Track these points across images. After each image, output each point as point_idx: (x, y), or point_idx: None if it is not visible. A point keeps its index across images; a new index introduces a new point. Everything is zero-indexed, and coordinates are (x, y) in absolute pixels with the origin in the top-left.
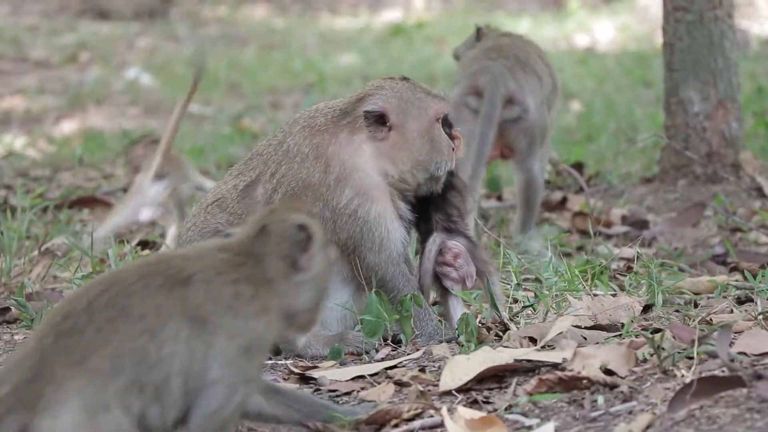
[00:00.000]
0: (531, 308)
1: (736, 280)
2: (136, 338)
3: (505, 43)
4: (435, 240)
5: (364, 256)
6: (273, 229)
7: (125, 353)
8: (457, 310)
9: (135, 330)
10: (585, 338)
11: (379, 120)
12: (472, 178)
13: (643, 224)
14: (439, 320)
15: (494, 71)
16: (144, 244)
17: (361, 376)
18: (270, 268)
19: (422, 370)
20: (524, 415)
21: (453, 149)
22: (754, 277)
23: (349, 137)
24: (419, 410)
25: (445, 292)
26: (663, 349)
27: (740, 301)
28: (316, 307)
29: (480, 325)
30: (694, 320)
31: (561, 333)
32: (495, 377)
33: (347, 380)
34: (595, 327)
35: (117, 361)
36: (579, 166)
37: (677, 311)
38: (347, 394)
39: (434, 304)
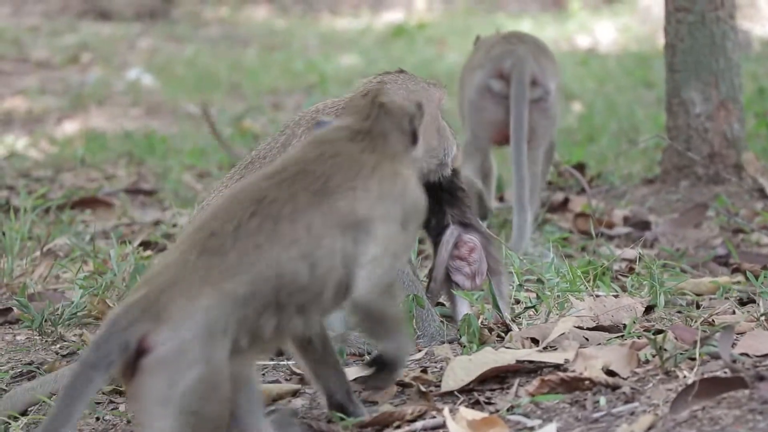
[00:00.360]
0: (533, 309)
1: (738, 282)
2: (285, 264)
3: (522, 32)
4: (453, 232)
5: None
6: (391, 108)
7: (270, 278)
8: (464, 308)
9: (286, 256)
10: (587, 339)
11: None
12: (517, 160)
13: (644, 225)
14: (442, 321)
15: (519, 54)
16: (146, 245)
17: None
18: (395, 143)
19: (424, 370)
20: (526, 416)
21: (454, 135)
22: (756, 278)
23: None
24: (421, 412)
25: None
26: (665, 350)
27: (742, 303)
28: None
29: (482, 326)
30: (696, 321)
31: (563, 334)
32: (497, 378)
33: (348, 381)
34: (597, 328)
35: (255, 288)
36: (581, 167)
37: (679, 312)
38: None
39: (437, 305)
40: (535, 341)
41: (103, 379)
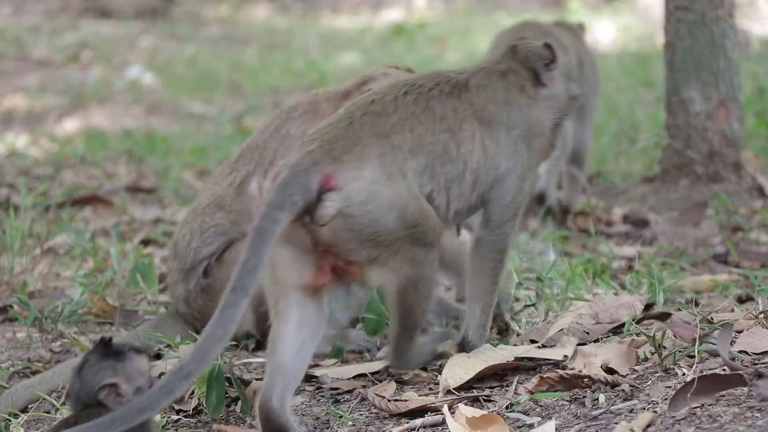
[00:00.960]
0: (533, 307)
1: (737, 280)
2: (438, 134)
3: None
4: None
5: None
6: (521, 48)
7: (426, 143)
8: None
9: (438, 127)
10: (588, 333)
11: None
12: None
13: (644, 223)
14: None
15: None
16: (146, 243)
17: (363, 375)
18: (521, 78)
19: (423, 368)
20: (525, 413)
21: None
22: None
23: None
24: (421, 409)
25: None
26: (664, 347)
27: (741, 300)
28: (554, 132)
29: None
30: (695, 319)
31: (561, 330)
32: (496, 375)
33: (349, 378)
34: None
35: (418, 146)
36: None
37: (679, 310)
38: (349, 392)
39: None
40: (533, 341)
41: (288, 221)
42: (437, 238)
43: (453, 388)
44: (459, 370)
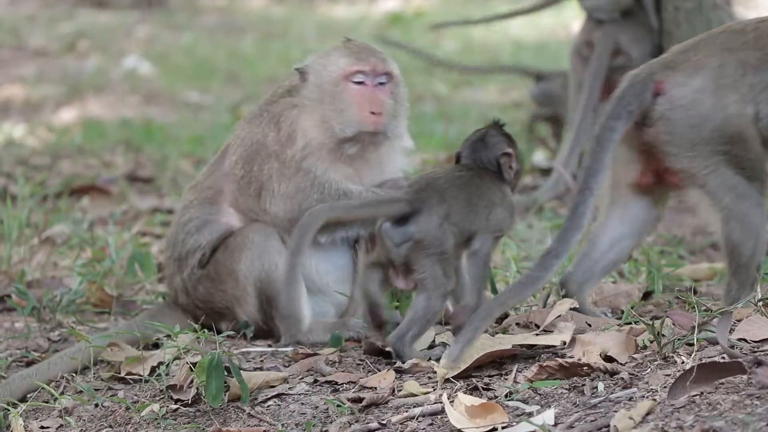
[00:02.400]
0: (532, 297)
1: None
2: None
3: None
4: None
5: None
6: None
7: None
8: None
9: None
10: (589, 325)
11: (302, 77)
12: (579, 125)
13: None
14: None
15: (606, 27)
16: (143, 233)
17: (361, 363)
18: None
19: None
20: (524, 401)
21: (373, 113)
22: None
23: (300, 99)
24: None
25: None
26: (663, 335)
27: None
28: None
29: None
30: (694, 307)
31: (560, 316)
32: (495, 363)
33: (344, 371)
34: None
35: (765, 63)
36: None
37: (677, 298)
38: (350, 382)
39: None
40: (530, 326)
41: (624, 129)
42: (759, 171)
43: (452, 377)
44: None
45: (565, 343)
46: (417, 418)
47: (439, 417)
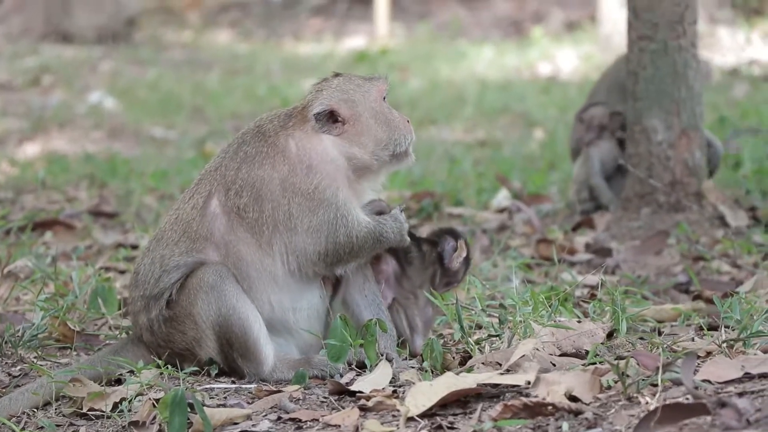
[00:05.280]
0: (497, 337)
1: (699, 308)
2: None
3: None
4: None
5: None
6: None
7: None
8: (419, 341)
9: None
10: (554, 365)
11: (331, 117)
12: None
13: (606, 252)
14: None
15: None
16: (107, 268)
17: (325, 401)
18: None
19: (387, 396)
20: None
21: (408, 121)
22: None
23: (304, 132)
24: None
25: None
26: (627, 375)
27: (702, 329)
28: None
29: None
30: (658, 347)
31: (524, 356)
32: (459, 402)
33: (308, 408)
34: (562, 355)
35: None
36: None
37: (641, 338)
38: (313, 420)
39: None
40: (497, 365)
41: None
42: None
43: (416, 416)
44: (421, 396)
45: (529, 382)
46: None
47: None
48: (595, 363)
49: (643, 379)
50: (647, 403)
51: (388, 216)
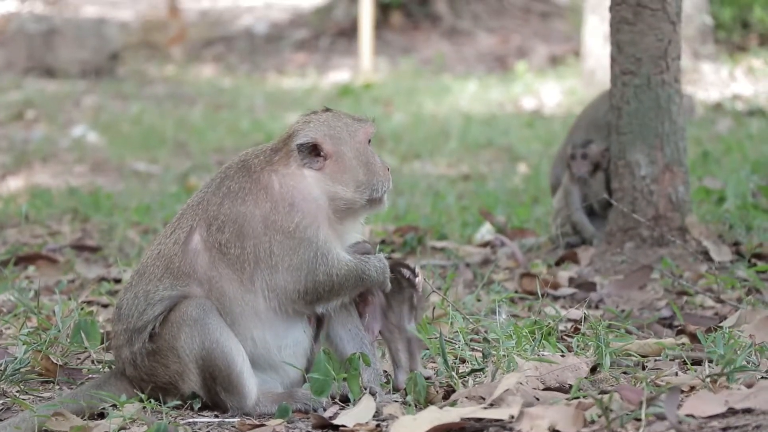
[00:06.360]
0: (481, 371)
1: (683, 343)
2: None
3: None
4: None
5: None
6: None
7: None
8: (402, 376)
9: None
10: (538, 399)
11: (314, 151)
12: None
13: (590, 286)
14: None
15: None
16: (89, 302)
17: None
18: None
19: (371, 430)
20: None
21: (388, 169)
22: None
23: (287, 169)
24: None
25: None
26: (611, 410)
27: (685, 363)
28: None
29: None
30: (642, 382)
31: (508, 390)
32: None
33: None
34: (546, 390)
35: None
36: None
37: (625, 373)
38: None
39: None
40: (478, 399)
41: None
42: None
43: None
44: (405, 430)
45: (513, 416)
46: None
47: None
48: (578, 397)
49: (626, 414)
50: None
51: (372, 256)
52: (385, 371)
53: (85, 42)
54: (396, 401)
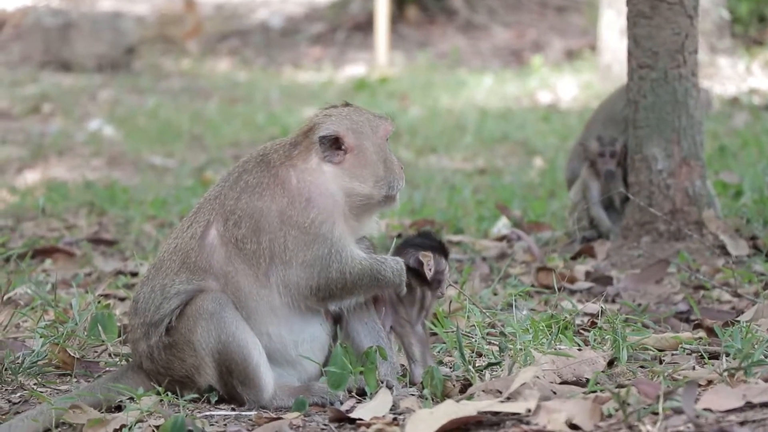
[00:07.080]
0: (498, 365)
1: (700, 338)
2: None
3: None
4: None
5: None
6: None
7: None
8: (419, 371)
9: None
10: (555, 393)
11: (335, 144)
12: None
13: (606, 280)
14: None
15: None
16: (106, 295)
17: (325, 428)
18: None
19: (388, 424)
20: None
21: (402, 168)
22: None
23: (306, 163)
24: None
25: None
26: (628, 404)
27: (702, 357)
28: None
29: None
30: (659, 376)
31: (524, 384)
32: (460, 430)
33: None
34: (562, 383)
35: None
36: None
37: (642, 367)
38: None
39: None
40: (496, 392)
41: None
42: None
43: None
44: (422, 424)
45: (530, 410)
46: None
47: None
48: (595, 391)
49: (644, 408)
50: (648, 431)
51: (388, 257)
52: (402, 365)
53: (102, 36)
54: (413, 395)
